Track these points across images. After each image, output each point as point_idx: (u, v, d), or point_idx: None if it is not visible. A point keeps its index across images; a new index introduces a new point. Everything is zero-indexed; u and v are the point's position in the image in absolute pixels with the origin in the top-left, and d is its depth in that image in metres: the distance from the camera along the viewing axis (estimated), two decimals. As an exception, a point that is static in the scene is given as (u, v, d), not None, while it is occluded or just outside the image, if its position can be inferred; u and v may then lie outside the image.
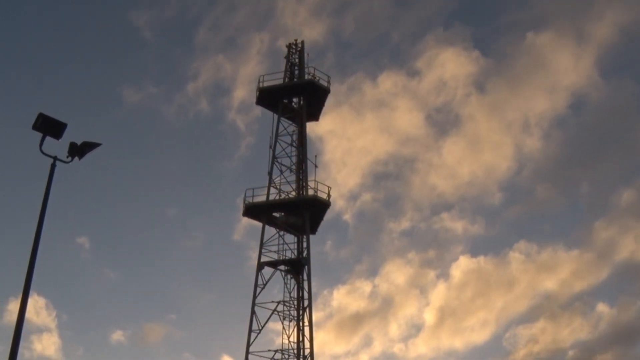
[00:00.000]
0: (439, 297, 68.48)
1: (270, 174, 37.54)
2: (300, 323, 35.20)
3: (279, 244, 36.34)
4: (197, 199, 76.16)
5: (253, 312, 34.77)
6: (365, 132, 72.09)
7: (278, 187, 37.52)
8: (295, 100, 40.35)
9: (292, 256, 36.06)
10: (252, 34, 77.11)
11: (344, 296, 67.22)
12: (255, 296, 35.06)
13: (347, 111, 70.54)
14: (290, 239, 36.68)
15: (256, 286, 35.24)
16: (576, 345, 63.23)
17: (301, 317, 35.32)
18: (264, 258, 35.86)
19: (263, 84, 39.35)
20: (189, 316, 71.65)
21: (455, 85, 72.31)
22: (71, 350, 68.05)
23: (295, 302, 35.65)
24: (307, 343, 34.58)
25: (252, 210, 36.82)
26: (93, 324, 70.54)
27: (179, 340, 68.51)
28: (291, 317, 35.33)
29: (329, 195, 36.71)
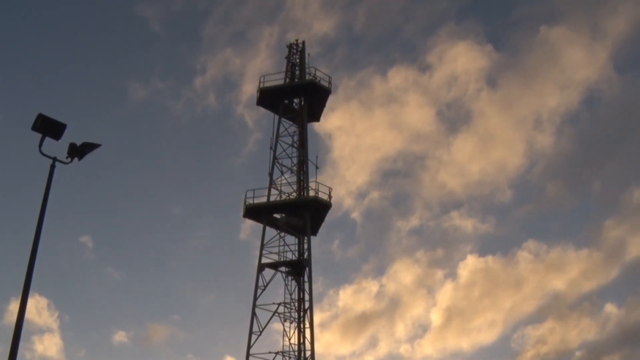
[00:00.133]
0: (446, 297, 67.53)
1: (271, 174, 37.44)
2: (301, 325, 35.04)
3: (279, 246, 36.28)
4: (202, 197, 74.71)
5: (254, 313, 34.63)
6: (374, 128, 70.67)
7: (279, 188, 37.41)
8: (296, 100, 40.21)
9: (293, 258, 35.93)
10: (262, 28, 75.05)
11: (350, 296, 66.41)
12: (255, 298, 34.93)
13: (356, 107, 68.91)
14: (291, 240, 36.63)
15: (257, 288, 35.14)
16: (584, 346, 62.47)
17: (302, 318, 35.15)
18: (264, 259, 35.80)
19: (264, 84, 39.31)
20: (192, 317, 70.87)
21: (466, 80, 70.95)
22: (73, 351, 67.53)
23: (296, 304, 35.50)
24: (308, 345, 34.45)
25: (252, 212, 36.68)
26: (95, 324, 69.96)
27: (182, 341, 67.64)
28: (292, 318, 35.19)
29: (330, 196, 36.61)
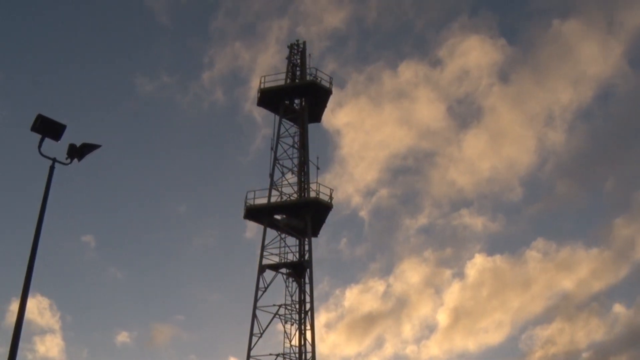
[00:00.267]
0: (453, 297, 66.49)
1: (272, 176, 37.28)
2: (302, 327, 34.85)
3: (280, 247, 36.09)
4: (208, 196, 73.16)
5: (254, 315, 34.44)
6: (384, 124, 69.49)
7: (280, 189, 37.21)
8: (297, 101, 40.04)
9: (294, 259, 35.76)
10: (272, 21, 73.36)
11: (356, 296, 65.63)
12: (256, 299, 34.74)
13: (365, 102, 67.75)
14: (292, 241, 36.46)
15: (257, 289, 34.97)
16: (591, 347, 61.73)
17: (303, 320, 34.95)
18: (265, 261, 35.60)
19: (264, 85, 39.17)
20: (196, 317, 70.04)
21: (478, 74, 69.62)
22: (75, 352, 67.00)
23: (297, 306, 35.29)
24: (309, 347, 34.23)
25: (253, 213, 36.48)
26: (98, 324, 69.27)
27: (186, 342, 67.09)
28: (293, 320, 34.98)
29: (331, 198, 36.46)
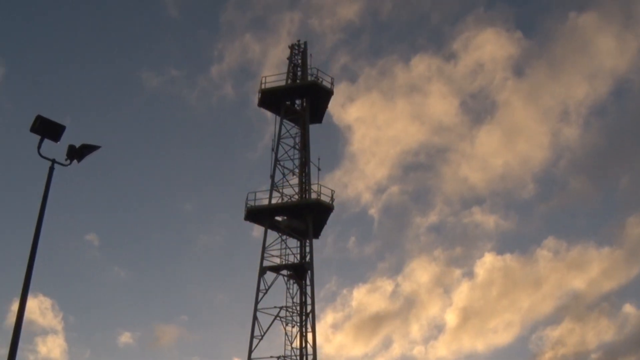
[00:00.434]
0: (462, 297, 65.39)
1: (273, 177, 37.03)
2: (303, 329, 34.60)
3: (281, 249, 35.86)
4: (215, 194, 71.50)
5: (255, 317, 34.18)
6: (396, 119, 68.24)
7: (281, 190, 36.95)
8: (298, 102, 39.81)
9: (295, 261, 35.50)
10: (283, 13, 71.63)
11: (364, 295, 64.63)
12: (257, 301, 34.48)
13: (377, 97, 66.42)
14: (293, 243, 36.20)
15: (258, 291, 34.73)
16: (601, 347, 60.91)
17: (304, 322, 34.71)
18: (266, 262, 35.35)
19: (265, 85, 38.96)
20: (200, 318, 69.22)
21: (493, 68, 68.27)
22: (77, 353, 66.35)
23: (298, 308, 35.05)
24: (310, 349, 33.97)
25: (253, 215, 36.22)
26: (100, 325, 68.47)
27: (190, 343, 66.31)
28: (294, 322, 34.73)
29: (332, 199, 36.20)
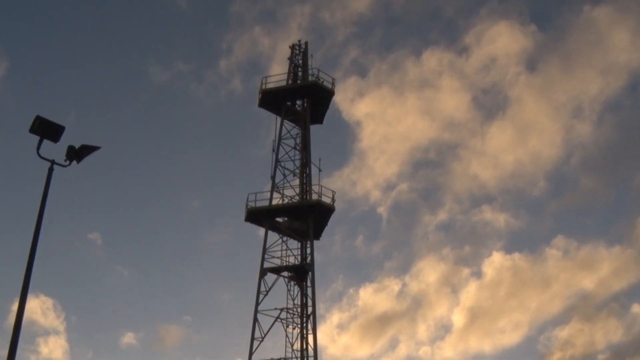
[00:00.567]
0: (470, 297, 64.45)
1: (273, 178, 36.86)
2: (304, 331, 34.42)
3: (282, 250, 35.69)
4: (223, 192, 70.37)
5: (255, 319, 34.00)
6: (406, 115, 66.89)
7: (281, 191, 36.77)
8: (299, 102, 39.64)
9: (296, 262, 35.30)
10: (293, 6, 71.28)
11: (370, 295, 63.72)
12: (257, 303, 34.29)
13: (387, 92, 65.25)
14: (294, 244, 35.97)
15: (259, 293, 34.54)
16: (609, 348, 60.31)
17: (305, 324, 34.52)
18: (267, 264, 35.15)
19: (266, 85, 38.80)
20: (204, 318, 68.48)
21: (505, 62, 66.96)
22: (79, 354, 65.72)
23: (299, 309, 34.86)
24: (311, 351, 33.78)
25: (254, 216, 36.02)
26: (103, 325, 67.82)
27: (193, 344, 65.71)
28: (295, 324, 34.55)
29: (333, 200, 36.03)
